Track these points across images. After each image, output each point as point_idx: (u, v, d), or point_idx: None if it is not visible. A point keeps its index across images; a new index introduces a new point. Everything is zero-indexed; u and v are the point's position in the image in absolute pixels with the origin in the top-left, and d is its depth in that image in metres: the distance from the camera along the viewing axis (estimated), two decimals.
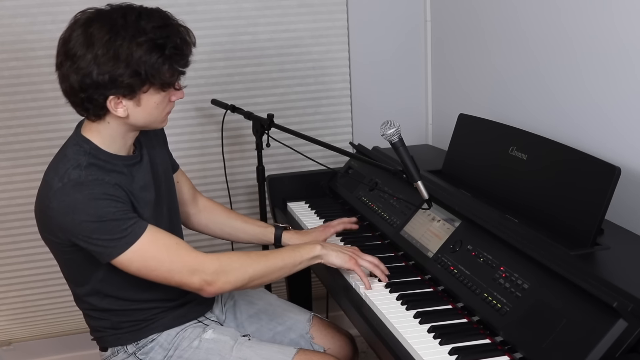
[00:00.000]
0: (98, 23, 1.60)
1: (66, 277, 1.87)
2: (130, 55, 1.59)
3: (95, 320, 1.88)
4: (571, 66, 2.06)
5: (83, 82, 1.61)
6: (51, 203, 1.64)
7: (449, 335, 1.57)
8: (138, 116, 1.69)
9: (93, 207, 1.61)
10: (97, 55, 1.59)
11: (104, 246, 1.64)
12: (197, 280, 1.70)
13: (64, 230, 1.66)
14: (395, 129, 1.91)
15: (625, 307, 1.30)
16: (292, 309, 2.12)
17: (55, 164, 1.72)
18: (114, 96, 1.63)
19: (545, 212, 1.80)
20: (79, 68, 1.60)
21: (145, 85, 1.64)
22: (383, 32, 2.96)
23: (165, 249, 1.69)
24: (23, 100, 2.69)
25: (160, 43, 1.62)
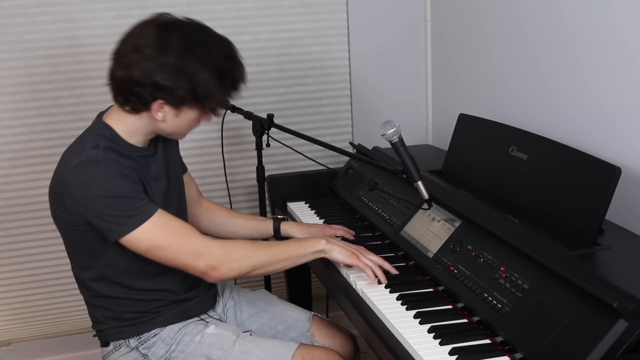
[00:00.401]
0: (175, 33, 1.71)
1: (73, 260, 1.88)
2: (195, 74, 1.68)
3: (98, 309, 1.89)
4: (572, 66, 2.05)
5: (143, 79, 1.68)
6: (68, 178, 1.71)
7: (449, 335, 1.57)
8: (170, 124, 1.77)
9: (108, 183, 1.68)
10: (167, 63, 1.67)
11: (115, 223, 1.68)
12: (203, 264, 1.73)
13: (78, 206, 1.70)
14: (395, 128, 1.91)
15: (625, 308, 1.30)
16: (292, 309, 2.14)
17: (74, 146, 1.80)
18: (163, 101, 1.71)
19: (546, 212, 1.80)
20: (145, 66, 1.68)
21: (195, 103, 1.73)
22: (383, 32, 2.96)
23: (174, 230, 1.73)
24: (22, 100, 2.68)
25: (224, 73, 1.73)
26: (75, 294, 2.88)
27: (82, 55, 2.70)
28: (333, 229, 2.19)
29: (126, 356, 1.87)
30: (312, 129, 2.95)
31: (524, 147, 1.94)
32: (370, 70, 2.99)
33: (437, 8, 2.89)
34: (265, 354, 1.84)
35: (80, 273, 1.87)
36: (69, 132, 2.74)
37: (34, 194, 2.76)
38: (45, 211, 2.76)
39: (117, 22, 2.69)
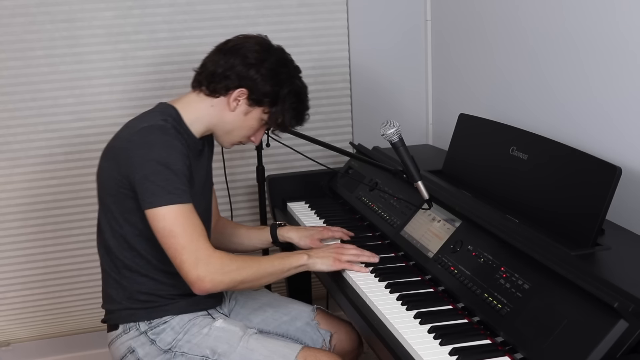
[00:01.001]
0: (275, 51, 1.95)
1: (107, 226, 1.90)
2: (283, 82, 1.91)
3: (115, 286, 1.92)
4: (573, 65, 2.05)
5: (238, 68, 1.87)
6: (133, 137, 1.81)
7: (450, 335, 1.57)
8: (235, 119, 1.92)
9: (167, 151, 1.78)
10: (264, 65, 1.88)
11: (152, 191, 1.75)
12: (195, 274, 1.75)
13: (130, 165, 1.78)
14: (395, 128, 1.91)
15: (626, 308, 1.30)
16: (295, 302, 2.18)
17: (140, 117, 1.91)
18: (244, 91, 1.88)
19: (546, 212, 1.79)
20: (245, 62, 1.88)
21: (268, 107, 1.91)
22: (383, 32, 2.96)
23: (192, 227, 1.77)
24: (22, 100, 2.68)
25: (301, 97, 1.97)
26: (75, 294, 2.88)
27: (82, 55, 2.69)
28: (331, 230, 2.19)
29: (134, 339, 1.89)
30: (312, 129, 2.94)
31: (524, 147, 1.94)
32: (371, 70, 2.98)
33: (437, 8, 2.89)
34: (269, 352, 1.86)
35: (110, 239, 1.90)
36: (68, 132, 2.74)
37: (33, 194, 2.76)
38: (45, 211, 2.79)
39: (117, 22, 2.70)
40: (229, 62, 1.89)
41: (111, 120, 2.74)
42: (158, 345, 1.88)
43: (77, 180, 2.78)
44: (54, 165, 2.76)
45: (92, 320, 2.93)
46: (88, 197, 2.79)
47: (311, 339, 2.08)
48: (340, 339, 2.11)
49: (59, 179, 2.77)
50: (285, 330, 2.09)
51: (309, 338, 2.08)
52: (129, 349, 1.89)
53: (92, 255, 2.84)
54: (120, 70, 2.74)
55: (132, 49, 2.73)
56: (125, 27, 2.72)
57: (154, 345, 1.88)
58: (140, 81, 2.75)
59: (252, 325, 2.06)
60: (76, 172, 2.78)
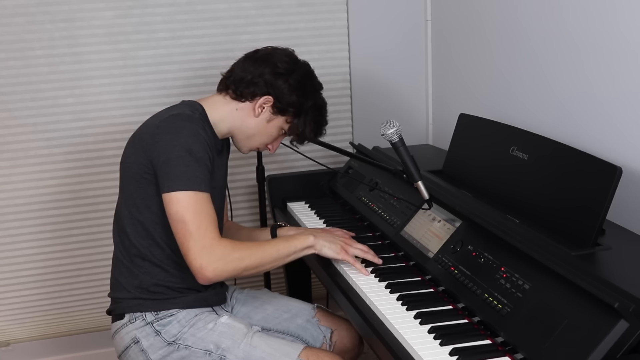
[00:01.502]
0: (303, 64, 2.05)
1: (126, 212, 1.93)
2: (308, 95, 2.00)
3: (126, 274, 1.94)
4: (573, 65, 2.05)
5: (268, 76, 1.95)
6: (161, 123, 1.87)
7: (450, 336, 1.57)
8: (255, 126, 2.00)
9: (192, 139, 1.82)
10: (292, 77, 1.97)
11: (172, 176, 1.78)
12: (199, 262, 1.77)
13: (156, 149, 1.82)
14: (395, 128, 1.91)
15: (626, 308, 1.30)
16: (295, 301, 2.20)
17: (168, 108, 1.97)
18: (270, 98, 1.96)
19: (546, 212, 1.79)
20: (274, 71, 1.96)
21: (291, 117, 2.00)
22: (383, 32, 2.95)
23: (205, 216, 1.80)
24: (22, 100, 2.68)
25: (322, 113, 2.07)
26: (74, 294, 2.88)
27: (82, 55, 2.69)
28: (332, 232, 2.18)
29: (140, 330, 1.90)
30: None
31: (524, 147, 1.94)
32: (371, 70, 2.98)
33: (437, 8, 2.89)
34: (272, 350, 1.87)
35: (128, 225, 1.92)
36: (68, 132, 2.74)
37: (33, 194, 2.76)
38: (45, 211, 2.79)
39: (116, 22, 2.70)
40: (259, 70, 1.96)
41: (111, 120, 2.75)
42: (163, 336, 1.89)
43: (76, 180, 2.78)
44: (53, 165, 2.76)
45: (92, 320, 2.93)
46: (88, 197, 2.79)
47: (312, 336, 2.08)
48: (341, 335, 2.12)
49: (59, 179, 2.77)
50: (286, 328, 2.10)
51: (310, 335, 2.08)
52: (134, 339, 1.90)
53: (91, 255, 2.85)
54: (120, 70, 2.74)
55: (132, 48, 2.73)
56: (125, 26, 2.71)
57: (158, 337, 1.89)
58: (140, 81, 2.75)
59: (252, 322, 2.07)
60: (76, 172, 2.77)
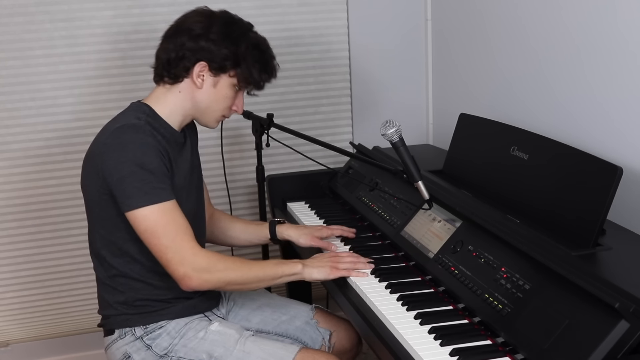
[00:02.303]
0: (221, 13, 1.90)
1: (96, 234, 1.89)
2: (238, 39, 1.85)
3: (111, 292, 1.90)
4: (573, 65, 2.05)
5: (189, 44, 1.83)
6: (107, 140, 1.78)
7: (450, 336, 1.56)
8: (206, 97, 1.88)
9: (141, 151, 1.75)
10: (212, 30, 1.83)
11: (129, 194, 1.73)
12: (182, 271, 1.75)
13: (106, 168, 1.75)
14: (395, 128, 1.91)
15: (627, 308, 1.29)
16: (294, 302, 2.18)
17: (115, 118, 1.88)
18: (203, 63, 1.83)
19: (547, 213, 1.79)
20: (193, 35, 1.83)
21: (233, 70, 1.85)
22: (383, 31, 2.95)
23: (175, 226, 1.76)
24: (21, 100, 2.68)
25: (262, 50, 1.90)
26: (73, 295, 2.88)
27: (81, 55, 2.69)
28: (331, 229, 2.19)
29: (130, 345, 1.88)
30: (312, 128, 2.95)
31: (525, 147, 1.94)
32: (371, 70, 2.98)
33: (437, 7, 2.88)
34: (265, 354, 1.85)
35: (102, 248, 1.88)
36: (67, 132, 2.73)
37: (32, 194, 2.75)
38: (44, 211, 2.78)
39: (116, 22, 2.69)
40: (178, 43, 1.85)
41: None
42: (154, 350, 1.86)
43: (76, 180, 2.74)
44: (52, 165, 2.75)
45: (90, 321, 2.92)
46: None
47: (310, 337, 2.07)
48: (340, 337, 2.10)
49: (58, 178, 2.76)
50: (285, 330, 2.08)
51: (309, 337, 2.07)
52: (125, 355, 1.88)
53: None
54: (120, 70, 2.73)
55: (132, 48, 2.72)
56: (125, 26, 2.71)
57: (149, 351, 1.86)
58: (139, 81, 2.74)
59: (251, 325, 2.05)
60: (75, 172, 2.75)
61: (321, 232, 2.16)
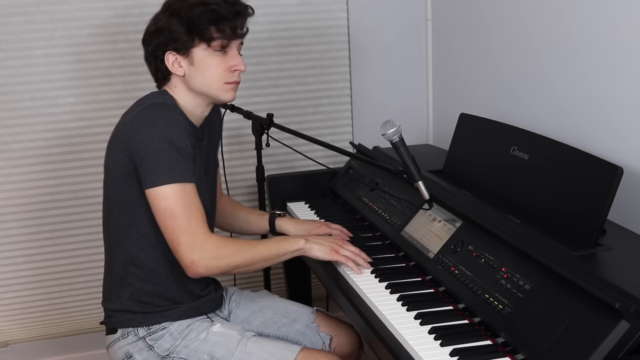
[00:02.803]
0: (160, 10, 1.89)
1: (113, 215, 1.88)
2: (180, 10, 1.82)
3: (118, 284, 1.89)
4: (574, 65, 2.04)
5: (150, 41, 1.87)
6: (135, 117, 1.79)
7: (450, 336, 1.56)
8: (195, 76, 1.86)
9: (171, 128, 1.76)
10: (158, 18, 1.86)
11: (155, 170, 1.73)
12: (191, 258, 1.75)
13: (134, 144, 1.75)
14: (395, 128, 1.90)
15: (627, 309, 1.29)
16: (294, 305, 2.17)
17: (138, 102, 1.88)
18: (171, 52, 1.84)
19: (547, 213, 1.79)
20: (147, 36, 1.89)
21: (198, 39, 1.82)
22: (383, 31, 2.95)
23: (194, 209, 1.76)
24: (21, 100, 2.67)
25: (203, 2, 1.82)
26: (73, 295, 2.88)
27: (81, 55, 2.69)
28: (329, 227, 2.18)
29: (132, 345, 1.88)
30: (312, 128, 2.94)
31: (525, 147, 1.93)
32: (371, 70, 2.98)
33: (437, 7, 2.88)
34: (267, 355, 1.85)
35: (118, 233, 1.88)
36: (67, 131, 2.73)
37: (32, 194, 2.75)
38: (44, 211, 2.78)
39: (115, 21, 2.69)
40: (148, 52, 1.90)
41: (110, 120, 2.72)
42: (156, 351, 1.86)
43: (75, 180, 2.77)
44: (52, 165, 2.75)
45: (90, 321, 2.92)
46: (87, 197, 2.79)
47: (311, 341, 2.06)
48: (341, 341, 2.09)
49: (58, 178, 2.76)
50: (285, 333, 2.07)
51: (309, 341, 2.06)
52: (127, 355, 1.88)
53: (90, 255, 2.84)
54: (119, 70, 2.73)
55: (131, 48, 2.72)
56: (125, 26, 2.71)
57: (152, 351, 1.86)
58: (139, 80, 2.74)
59: (251, 327, 2.05)
60: (75, 172, 2.77)
61: (319, 229, 2.17)
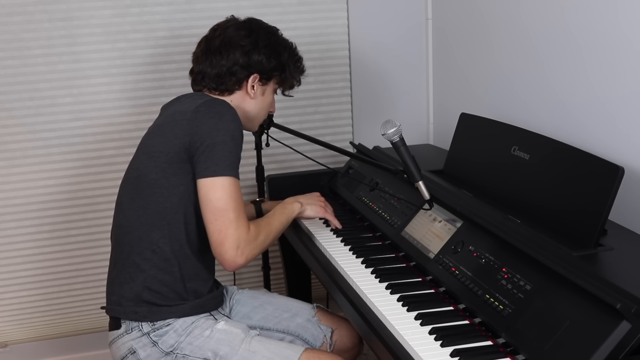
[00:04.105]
0: (256, 25, 2.06)
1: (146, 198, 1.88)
2: (280, 50, 2.03)
3: (131, 270, 1.89)
4: (575, 64, 2.04)
5: (241, 59, 1.97)
6: (200, 107, 1.84)
7: (451, 337, 1.56)
8: (255, 105, 2.04)
9: (235, 123, 1.84)
10: (259, 45, 1.99)
11: (217, 160, 1.78)
12: (236, 250, 1.79)
13: (198, 133, 1.80)
14: (396, 128, 1.90)
15: (628, 309, 1.29)
16: (295, 301, 2.19)
17: (192, 99, 1.92)
18: (255, 76, 1.99)
19: (548, 213, 1.78)
20: (242, 50, 1.97)
21: (279, 77, 2.05)
22: (384, 31, 2.95)
23: (241, 203, 1.82)
24: (19, 100, 2.67)
25: (296, 53, 2.10)
26: (72, 295, 2.87)
27: (80, 54, 2.68)
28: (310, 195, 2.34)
29: (136, 340, 1.87)
30: (312, 128, 2.94)
31: (526, 147, 1.93)
32: (371, 69, 2.97)
33: (438, 6, 2.88)
34: (271, 354, 1.85)
35: (142, 216, 1.88)
36: (66, 131, 2.73)
37: (31, 194, 2.75)
38: (43, 211, 2.77)
39: (115, 21, 2.69)
40: (230, 59, 1.97)
41: (109, 120, 2.74)
42: (160, 347, 1.86)
43: (75, 180, 2.77)
44: (51, 165, 2.75)
45: (90, 322, 2.92)
46: (86, 197, 2.78)
47: (312, 335, 2.08)
48: (341, 335, 2.11)
49: (57, 179, 2.76)
50: (286, 327, 2.09)
51: (310, 334, 2.08)
52: (130, 350, 1.88)
53: (90, 255, 2.84)
54: (119, 70, 2.73)
55: (131, 47, 2.72)
56: (124, 25, 2.70)
57: (155, 347, 1.86)
58: (138, 80, 2.74)
59: (252, 322, 2.06)
60: (74, 172, 2.76)
61: None
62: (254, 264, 3.00)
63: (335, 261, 2.03)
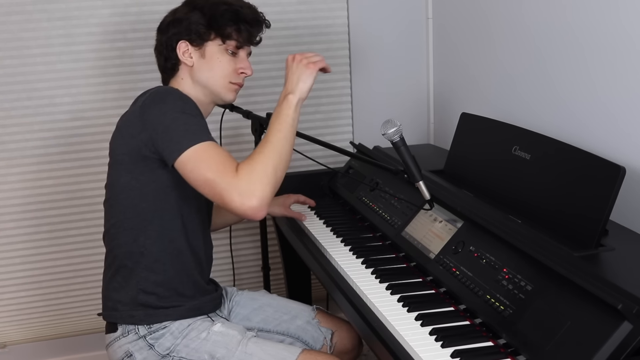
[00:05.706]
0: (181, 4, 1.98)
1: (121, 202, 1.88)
2: (203, 5, 1.91)
3: (124, 275, 1.88)
4: (577, 64, 2.04)
5: (165, 29, 1.95)
6: (146, 100, 1.80)
7: (451, 337, 1.55)
8: (203, 69, 1.93)
9: (182, 100, 1.79)
10: (177, 10, 1.95)
11: (176, 140, 1.71)
12: (237, 199, 1.64)
13: (148, 124, 1.75)
14: (396, 128, 1.90)
15: (630, 309, 1.28)
16: (295, 303, 2.19)
17: (143, 94, 1.90)
18: (184, 42, 1.91)
19: (549, 213, 1.78)
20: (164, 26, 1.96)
21: (214, 34, 1.91)
22: (384, 30, 2.94)
23: (218, 157, 1.69)
24: (18, 99, 2.66)
25: (228, 2, 1.93)
26: (71, 296, 2.87)
27: (79, 54, 2.68)
28: (296, 197, 2.43)
29: (133, 344, 1.87)
30: (312, 128, 2.94)
31: (527, 147, 1.92)
32: (371, 69, 2.97)
33: (438, 5, 2.87)
34: (268, 356, 1.85)
35: (125, 220, 1.87)
36: (65, 131, 2.72)
37: (29, 194, 2.74)
38: (41, 211, 2.77)
39: (114, 20, 2.68)
40: (161, 41, 1.97)
41: (108, 120, 2.73)
42: (156, 350, 1.86)
43: (73, 180, 2.77)
44: (50, 165, 2.74)
45: (88, 322, 2.91)
46: (85, 197, 2.78)
47: (312, 337, 2.08)
48: (341, 337, 2.11)
49: (55, 179, 2.75)
50: (286, 329, 2.08)
51: (310, 336, 2.08)
52: (127, 353, 1.88)
53: (89, 256, 2.83)
54: (117, 69, 2.72)
55: (130, 47, 2.71)
56: (123, 25, 2.70)
57: (152, 350, 1.86)
58: (137, 80, 2.73)
59: (252, 324, 2.06)
60: (73, 172, 2.76)
61: (290, 200, 2.40)
62: (254, 264, 3.00)
63: (335, 262, 2.02)
